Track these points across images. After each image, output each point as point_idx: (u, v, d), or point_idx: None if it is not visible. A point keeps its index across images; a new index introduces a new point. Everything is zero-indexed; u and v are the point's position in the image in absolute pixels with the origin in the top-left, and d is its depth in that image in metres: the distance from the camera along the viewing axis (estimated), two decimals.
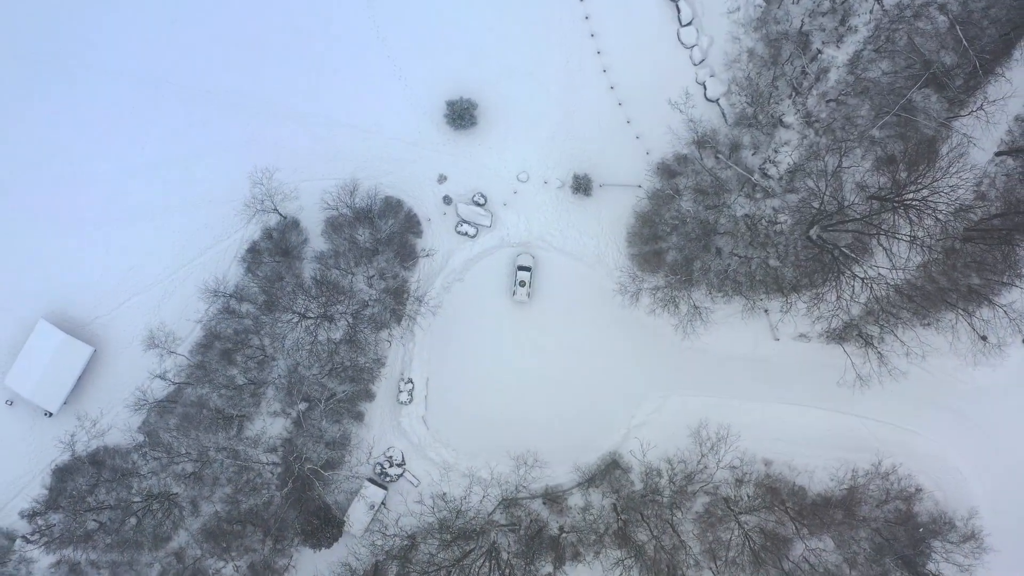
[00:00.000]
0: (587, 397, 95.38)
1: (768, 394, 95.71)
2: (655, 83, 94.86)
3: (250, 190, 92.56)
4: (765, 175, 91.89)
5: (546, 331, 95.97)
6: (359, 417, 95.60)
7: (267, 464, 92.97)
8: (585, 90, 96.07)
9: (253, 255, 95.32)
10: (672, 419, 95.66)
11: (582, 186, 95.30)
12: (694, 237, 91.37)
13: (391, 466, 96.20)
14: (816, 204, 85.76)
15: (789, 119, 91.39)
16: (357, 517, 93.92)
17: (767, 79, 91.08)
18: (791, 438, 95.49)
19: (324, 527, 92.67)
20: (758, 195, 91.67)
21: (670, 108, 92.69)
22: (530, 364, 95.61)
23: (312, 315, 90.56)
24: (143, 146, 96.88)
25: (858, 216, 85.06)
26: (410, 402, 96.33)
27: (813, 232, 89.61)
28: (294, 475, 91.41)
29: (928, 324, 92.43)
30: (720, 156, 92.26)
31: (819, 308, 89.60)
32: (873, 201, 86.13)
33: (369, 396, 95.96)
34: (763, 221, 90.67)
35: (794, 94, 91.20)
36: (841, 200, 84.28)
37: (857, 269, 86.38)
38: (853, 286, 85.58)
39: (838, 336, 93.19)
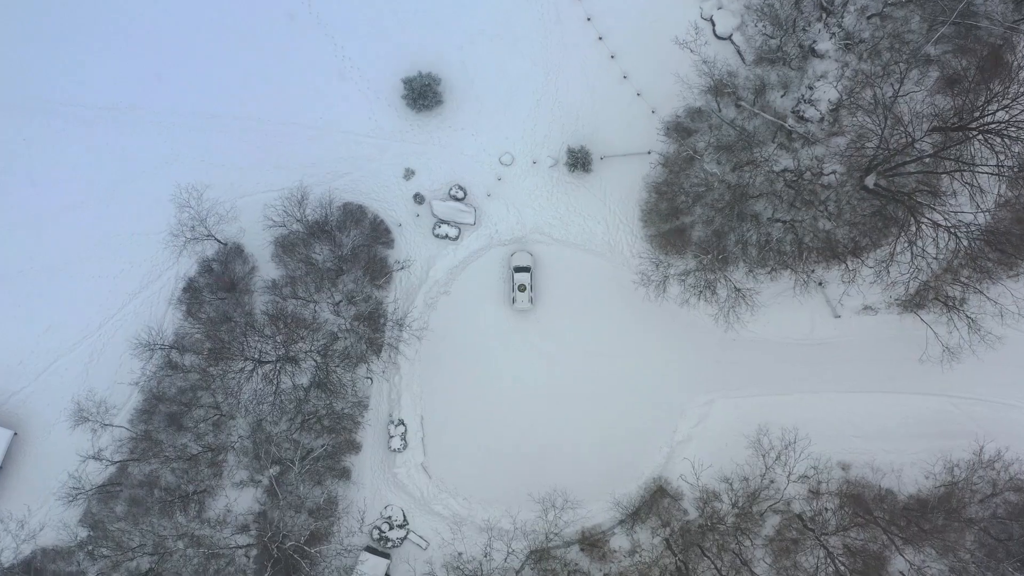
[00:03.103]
0: (617, 416, 78.38)
1: (835, 383, 78.88)
2: (652, 26, 78.18)
3: (176, 215, 75.31)
4: (801, 118, 75.07)
5: (557, 342, 79.06)
6: (345, 475, 78.44)
7: (239, 547, 75.61)
8: (569, 46, 79.31)
9: (191, 295, 78.25)
10: (723, 428, 78.78)
11: (579, 161, 78.43)
12: (723, 205, 74.60)
13: (391, 528, 79.01)
14: (873, 144, 69.05)
15: (823, 46, 74.54)
16: None
17: (789, 0, 74.29)
18: (869, 433, 78.67)
19: None
20: (796, 144, 74.84)
21: (674, 53, 75.83)
22: (543, 384, 78.65)
23: (269, 359, 73.30)
24: (43, 186, 79.77)
25: (928, 152, 68.29)
26: (404, 448, 79.23)
27: (870, 180, 72.81)
28: (273, 557, 73.99)
29: (1019, 275, 75.82)
30: (742, 104, 75.43)
31: (889, 272, 72.83)
32: (941, 133, 69.44)
33: (354, 448, 78.84)
34: (806, 174, 73.85)
35: (824, 15, 74.41)
36: (910, 133, 67.41)
37: (937, 217, 69.61)
38: (936, 238, 68.76)
39: (913, 303, 76.44)
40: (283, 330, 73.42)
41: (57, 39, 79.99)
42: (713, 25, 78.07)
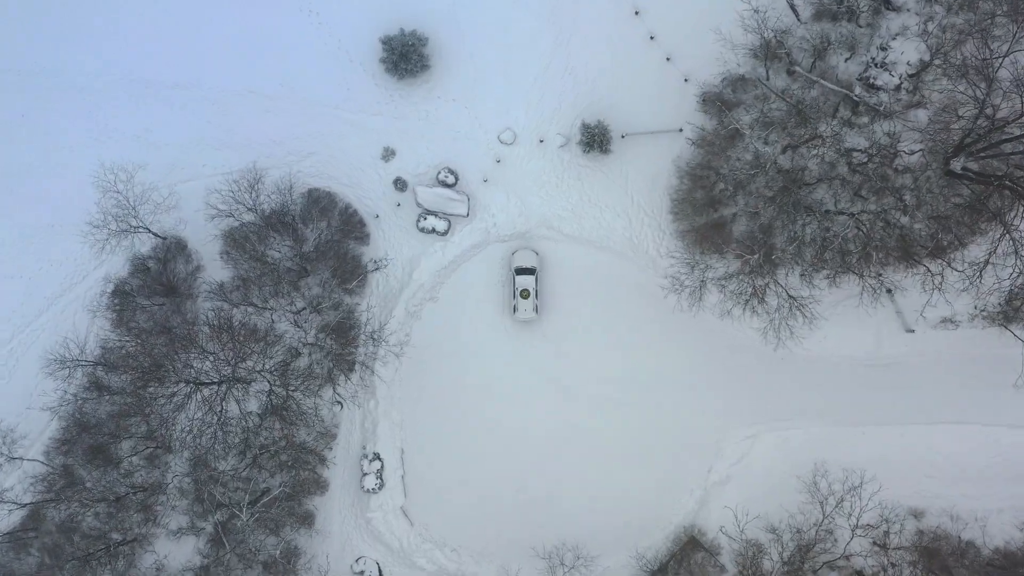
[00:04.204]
0: (640, 452, 64.16)
1: (907, 413, 64.61)
2: None
3: (98, 202, 61.10)
4: (871, 86, 60.66)
5: (567, 360, 64.90)
6: (308, 521, 64.27)
7: None
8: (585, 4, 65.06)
9: (121, 300, 64.15)
10: (769, 467, 64.68)
11: (596, 140, 64.22)
12: (773, 194, 60.43)
13: None
14: (970, 118, 54.89)
15: None
16: None
17: None
18: (948, 473, 64.51)
19: None
20: (864, 118, 60.59)
21: (714, 4, 61.67)
22: (550, 412, 64.46)
23: (211, 380, 59.04)
24: None
25: None
26: (380, 489, 65.02)
27: (957, 163, 58.58)
28: None
29: None
30: (797, 69, 61.22)
31: (982, 278, 58.56)
32: None
33: (319, 487, 64.70)
34: (875, 156, 59.63)
35: None
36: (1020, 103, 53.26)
37: None
38: None
39: (1004, 315, 62.29)
40: (229, 344, 59.17)
41: None
42: None
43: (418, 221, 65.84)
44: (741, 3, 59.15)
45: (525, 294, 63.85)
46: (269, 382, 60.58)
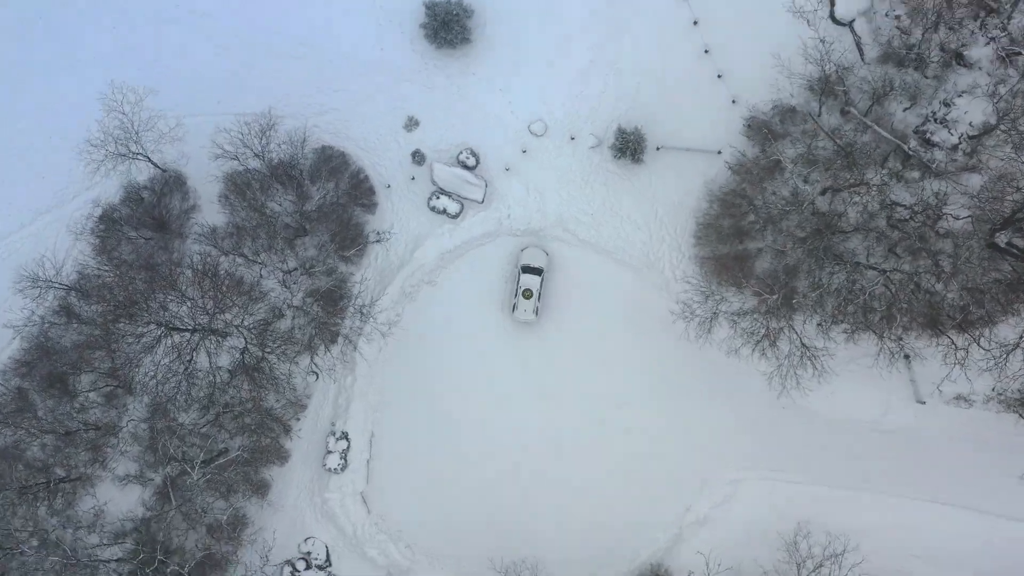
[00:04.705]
0: (619, 479, 60.72)
1: (905, 485, 60.90)
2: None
3: (101, 121, 57.76)
4: (927, 142, 57.49)
5: (560, 370, 61.49)
6: (262, 489, 61.00)
7: (109, 562, 58.19)
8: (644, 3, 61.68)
9: (108, 227, 60.88)
10: (750, 516, 61.14)
11: (630, 147, 60.88)
12: (805, 235, 57.21)
13: (308, 568, 61.57)
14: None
15: (975, 53, 56.88)
16: None
17: None
18: (936, 557, 60.73)
19: None
20: (913, 173, 57.41)
21: (777, 28, 58.49)
22: (533, 421, 61.06)
23: (184, 326, 55.73)
24: None
25: None
26: (343, 470, 61.72)
27: (1002, 237, 55.48)
28: None
29: None
30: (851, 110, 57.94)
31: (1008, 360, 55.26)
32: None
33: (280, 457, 61.45)
34: (919, 215, 56.36)
35: (984, 13, 56.73)
36: None
37: None
38: None
39: (1020, 403, 58.95)
40: (210, 292, 55.85)
41: None
42: (832, 4, 60.35)
43: (430, 199, 62.52)
44: (809, 30, 55.82)
45: (528, 294, 60.53)
46: (245, 339, 57.28)
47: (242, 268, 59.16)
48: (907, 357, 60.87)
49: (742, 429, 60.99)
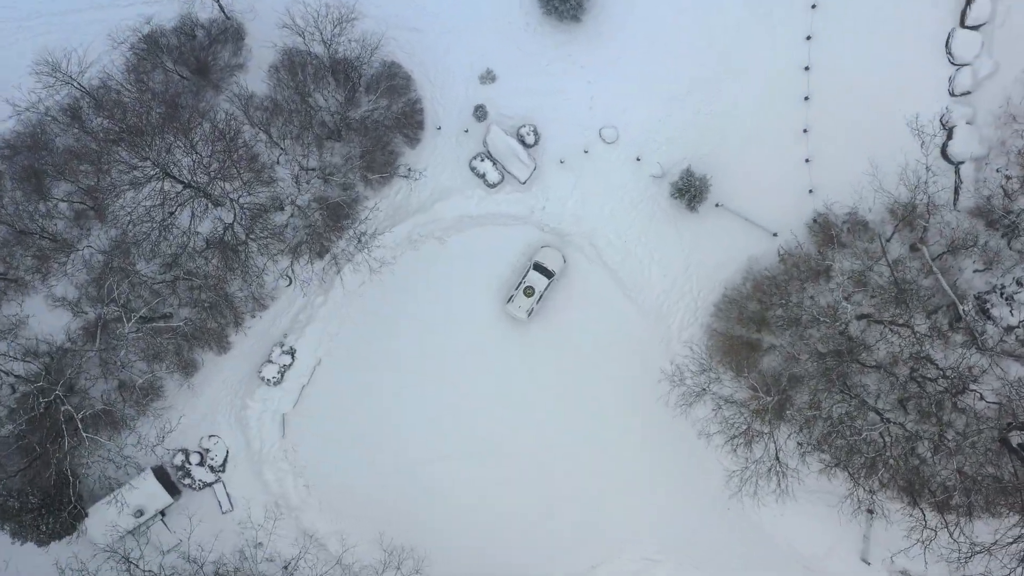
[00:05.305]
0: (539, 509, 57.46)
1: None
2: (874, 95, 56.82)
3: None
4: (983, 311, 54.03)
5: (529, 381, 58.09)
6: (188, 370, 57.70)
7: (9, 375, 54.92)
8: (764, 48, 58.02)
9: (149, 48, 57.24)
10: None
11: (691, 193, 57.33)
12: (826, 352, 53.76)
13: (202, 464, 58.29)
14: None
15: None
16: (108, 520, 55.77)
17: None
18: None
19: (47, 510, 54.62)
20: (957, 336, 53.90)
21: (885, 136, 55.00)
22: (479, 421, 57.53)
23: (181, 179, 52.25)
24: None
25: None
26: (275, 384, 58.43)
27: (1016, 437, 52.17)
28: (39, 411, 53.21)
29: None
30: (922, 248, 54.42)
31: (970, 560, 51.82)
32: None
33: (220, 346, 58.07)
34: (945, 380, 52.93)
35: None
36: None
37: None
38: None
39: None
40: (220, 155, 52.39)
41: None
42: (948, 138, 56.78)
43: (474, 159, 59.01)
44: (917, 153, 52.30)
45: (529, 292, 57.08)
46: (235, 216, 53.86)
47: (261, 146, 55.72)
48: (870, 512, 57.44)
49: (680, 513, 57.58)
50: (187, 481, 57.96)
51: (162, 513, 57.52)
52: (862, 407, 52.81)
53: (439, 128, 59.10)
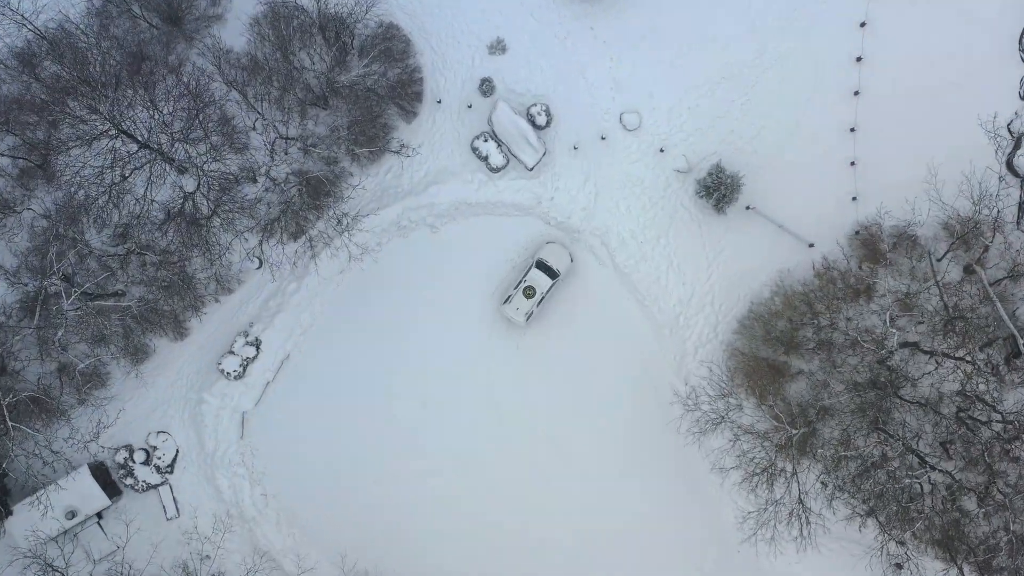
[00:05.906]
0: (526, 539, 50.55)
1: None
2: (933, 93, 49.94)
3: None
4: None
5: (520, 393, 51.05)
6: (138, 357, 50.97)
7: None
8: (812, 36, 51.19)
9: None
10: None
11: (720, 192, 50.40)
12: (860, 381, 47.04)
13: (146, 463, 51.53)
14: None
15: None
16: (32, 520, 48.98)
17: None
18: None
19: None
20: (1013, 375, 47.13)
21: (943, 139, 48.25)
22: (460, 436, 50.50)
23: (138, 138, 45.46)
24: None
25: None
26: (236, 379, 51.60)
27: None
28: None
29: None
30: (981, 272, 47.54)
31: None
32: None
33: (177, 332, 51.31)
34: (998, 424, 46.22)
35: None
36: None
37: None
38: None
39: None
40: (183, 114, 45.59)
41: None
42: (1015, 147, 49.93)
43: (476, 139, 52.17)
44: (991, 161, 45.51)
45: (529, 292, 50.26)
46: (198, 185, 47.07)
47: (235, 108, 48.90)
48: (899, 567, 50.72)
49: (679, 555, 50.71)
50: (129, 481, 51.21)
51: (99, 516, 50.79)
52: (903, 450, 46.02)
53: (439, 101, 52.26)
